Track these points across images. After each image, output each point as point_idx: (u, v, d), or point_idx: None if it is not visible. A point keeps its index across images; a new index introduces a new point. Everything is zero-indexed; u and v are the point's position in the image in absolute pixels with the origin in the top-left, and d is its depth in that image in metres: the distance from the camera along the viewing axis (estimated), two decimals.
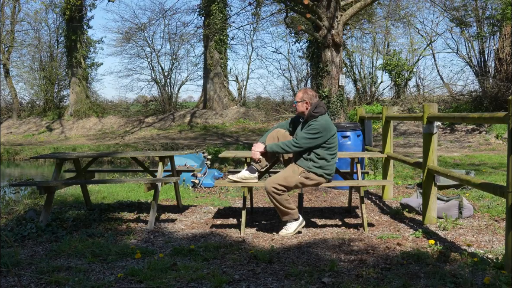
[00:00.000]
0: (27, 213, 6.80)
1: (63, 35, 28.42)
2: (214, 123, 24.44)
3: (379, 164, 10.17)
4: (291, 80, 28.54)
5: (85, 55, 28.09)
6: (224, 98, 26.13)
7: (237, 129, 23.04)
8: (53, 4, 26.20)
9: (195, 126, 24.29)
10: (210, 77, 25.98)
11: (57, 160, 6.42)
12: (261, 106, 26.33)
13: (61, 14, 27.36)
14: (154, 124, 25.61)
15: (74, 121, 26.98)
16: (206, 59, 26.18)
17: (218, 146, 17.49)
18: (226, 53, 26.58)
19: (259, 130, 21.98)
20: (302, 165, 5.48)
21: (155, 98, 29.94)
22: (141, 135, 23.62)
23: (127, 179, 6.85)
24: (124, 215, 6.74)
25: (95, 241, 5.33)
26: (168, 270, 4.29)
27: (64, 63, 29.45)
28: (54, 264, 4.59)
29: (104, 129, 25.83)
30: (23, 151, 20.71)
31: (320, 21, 11.44)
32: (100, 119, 26.88)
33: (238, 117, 24.83)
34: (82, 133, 25.42)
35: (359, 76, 26.74)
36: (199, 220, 6.49)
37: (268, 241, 5.32)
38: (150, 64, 30.04)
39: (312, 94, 5.57)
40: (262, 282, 3.97)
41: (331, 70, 11.64)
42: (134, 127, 25.47)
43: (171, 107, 28.13)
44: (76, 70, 27.69)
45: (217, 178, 9.84)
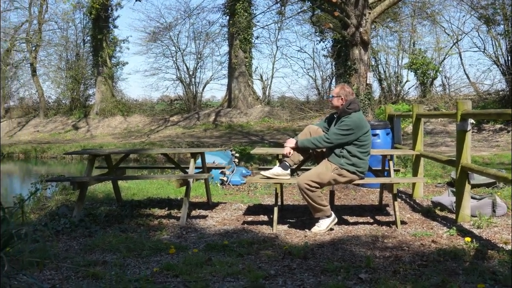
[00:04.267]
0: (60, 209, 6.89)
1: (90, 35, 28.71)
2: (238, 122, 24.47)
3: (409, 162, 10.09)
4: (315, 80, 28.46)
5: (111, 54, 28.34)
6: (249, 97, 26.16)
7: (262, 128, 23.04)
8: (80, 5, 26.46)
9: (220, 125, 24.35)
10: (235, 76, 26.02)
11: (89, 156, 6.48)
12: (286, 105, 26.28)
13: (87, 14, 27.63)
14: (179, 123, 25.74)
15: (100, 120, 27.24)
16: (231, 58, 26.23)
17: (243, 145, 17.52)
18: (251, 52, 26.60)
19: (284, 129, 21.96)
20: (334, 162, 5.46)
21: (180, 97, 30.08)
22: (166, 134, 23.75)
23: (159, 176, 6.89)
24: (155, 211, 6.78)
25: (128, 236, 5.37)
26: (203, 265, 4.31)
27: (90, 63, 29.74)
28: (90, 258, 4.64)
29: (129, 128, 26.04)
30: (50, 149, 21.00)
31: (348, 19, 11.39)
32: (126, 118, 27.09)
33: (262, 116, 24.84)
34: (107, 132, 25.65)
35: (384, 75, 26.54)
36: (230, 216, 6.50)
37: (301, 238, 5.31)
38: (175, 64, 30.20)
39: (348, 91, 5.55)
40: (298, 277, 3.96)
41: (359, 68, 11.58)
42: (159, 126, 25.62)
43: (195, 106, 28.22)
44: (102, 69, 27.96)
45: (245, 175, 9.84)
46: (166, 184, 9.14)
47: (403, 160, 10.47)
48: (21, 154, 21.25)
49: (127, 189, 8.53)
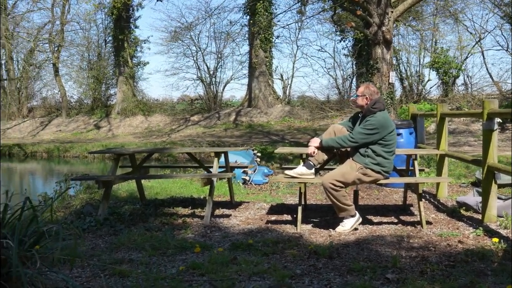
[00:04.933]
0: (84, 207, 6.96)
1: (111, 35, 28.93)
2: (259, 122, 24.48)
3: (432, 161, 10.00)
4: (336, 79, 28.35)
5: (132, 54, 28.52)
6: (269, 96, 26.16)
7: (282, 127, 23.02)
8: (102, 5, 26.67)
9: (240, 125, 24.38)
10: (255, 76, 26.04)
11: (114, 155, 6.53)
12: (306, 105, 26.21)
13: (109, 14, 27.84)
14: (200, 122, 25.83)
15: (121, 120, 27.43)
16: (252, 58, 26.26)
17: (264, 144, 17.52)
18: (271, 51, 26.60)
19: (304, 129, 21.92)
20: (359, 161, 5.44)
21: (200, 97, 30.17)
22: (187, 133, 23.85)
23: (183, 175, 6.92)
24: (179, 210, 6.82)
25: (153, 235, 5.40)
26: (229, 264, 4.31)
27: (112, 63, 29.97)
28: (116, 256, 4.68)
29: (150, 127, 26.19)
30: (72, 148, 21.21)
31: (371, 18, 11.33)
32: (147, 118, 27.25)
33: (283, 115, 24.82)
34: (129, 131, 25.83)
35: (406, 74, 26.34)
36: (254, 215, 6.51)
37: (325, 237, 5.30)
38: (196, 63, 30.29)
39: (373, 90, 5.52)
40: (324, 277, 3.95)
41: (382, 68, 11.52)
42: (180, 125, 25.73)
43: (216, 106, 28.28)
44: (123, 69, 28.16)
45: (267, 175, 9.83)
46: (189, 183, 9.18)
47: (427, 160, 10.39)
48: (44, 153, 21.51)
49: (150, 188, 8.58)
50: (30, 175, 17.76)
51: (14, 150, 22.23)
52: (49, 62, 30.83)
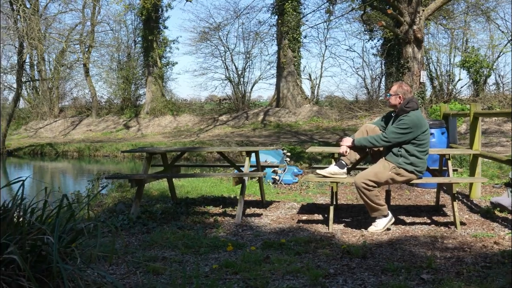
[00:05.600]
0: (117, 206, 7.04)
1: (141, 36, 29.18)
2: (287, 122, 24.45)
3: (464, 162, 9.87)
4: (365, 79, 28.17)
5: (161, 54, 28.73)
6: (297, 96, 26.10)
7: (311, 127, 22.95)
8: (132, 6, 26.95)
9: (269, 125, 24.38)
10: (284, 76, 26.01)
11: (146, 154, 6.59)
12: (335, 104, 26.10)
13: (138, 15, 28.10)
14: (228, 122, 25.90)
15: (150, 119, 27.66)
16: (280, 58, 26.23)
17: (292, 144, 17.49)
18: (300, 51, 26.53)
19: (333, 129, 21.82)
20: (392, 161, 5.39)
21: (228, 96, 30.26)
22: (216, 133, 23.94)
23: (215, 174, 6.94)
24: (210, 209, 6.85)
25: (186, 233, 5.44)
26: (262, 262, 4.32)
27: (141, 63, 30.24)
28: (149, 254, 4.72)
29: (179, 127, 26.35)
30: (103, 148, 21.46)
31: (401, 16, 11.21)
32: (175, 118, 27.43)
33: (311, 115, 24.74)
34: (158, 131, 26.03)
35: (436, 74, 26.03)
36: (284, 215, 6.50)
37: (358, 237, 5.27)
38: (224, 63, 30.40)
39: (406, 89, 5.47)
40: (358, 276, 3.93)
41: (412, 67, 11.39)
42: (208, 125, 25.84)
43: (244, 106, 28.34)
44: (152, 70, 28.39)
45: (296, 174, 9.82)
46: (219, 182, 9.22)
47: (459, 160, 10.25)
48: (75, 152, 21.80)
49: (180, 187, 8.64)
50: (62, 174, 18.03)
51: (46, 149, 22.60)
52: (80, 63, 31.25)
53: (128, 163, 19.59)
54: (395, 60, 23.03)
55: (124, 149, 20.06)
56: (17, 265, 2.93)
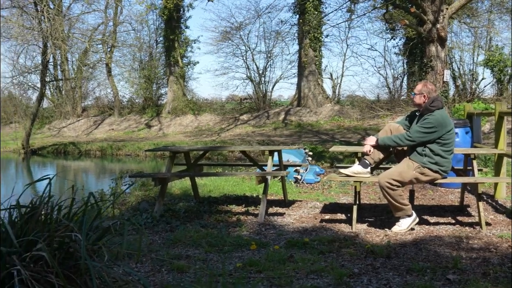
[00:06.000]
0: (140, 204, 7.10)
1: (162, 35, 29.34)
2: (308, 121, 24.39)
3: (489, 162, 9.75)
4: (386, 78, 28.00)
5: (183, 54, 28.85)
6: (318, 96, 26.03)
7: (332, 127, 22.87)
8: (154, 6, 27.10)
9: (290, 124, 24.35)
10: (305, 75, 25.96)
11: (170, 153, 6.63)
12: (356, 104, 25.97)
13: (160, 15, 28.25)
14: (249, 121, 25.93)
15: (172, 119, 27.79)
16: (301, 57, 26.18)
17: (314, 143, 17.46)
18: (321, 50, 26.45)
19: (354, 128, 21.72)
20: (416, 160, 5.35)
21: (249, 96, 30.29)
22: (237, 132, 23.98)
23: (238, 173, 6.96)
24: (232, 208, 6.86)
25: (209, 232, 5.46)
26: (286, 261, 4.32)
27: (163, 63, 30.40)
28: (173, 252, 4.75)
29: (200, 126, 26.44)
30: (125, 147, 21.62)
31: (425, 15, 11.13)
32: (196, 117, 27.52)
33: (332, 115, 24.65)
34: (179, 130, 26.15)
35: (459, 73, 25.77)
36: (307, 214, 6.50)
37: (382, 237, 5.24)
38: (245, 63, 30.44)
39: (431, 88, 5.43)
40: (383, 276, 3.91)
41: (436, 66, 11.30)
42: (229, 124, 25.89)
43: (265, 105, 28.34)
44: (173, 69, 28.52)
45: (318, 174, 9.79)
46: (241, 181, 9.23)
47: (484, 160, 10.14)
48: (98, 151, 22.01)
49: (203, 185, 8.67)
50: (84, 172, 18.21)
51: (69, 148, 22.84)
52: (102, 63, 31.53)
53: (150, 162, 19.73)
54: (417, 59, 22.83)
55: (146, 148, 20.21)
56: (45, 262, 2.97)
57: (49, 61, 25.48)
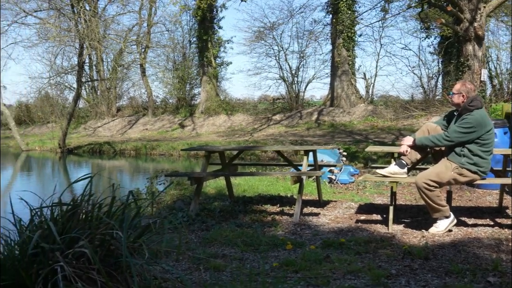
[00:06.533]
0: (176, 203, 7.17)
1: (195, 36, 29.53)
2: (341, 121, 24.24)
3: None
4: (421, 78, 27.60)
5: (216, 54, 28.98)
6: (352, 96, 25.85)
7: (365, 127, 22.69)
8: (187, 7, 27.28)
9: (323, 124, 24.24)
10: (338, 75, 25.81)
11: (205, 152, 6.68)
12: (390, 104, 25.70)
13: (194, 15, 28.43)
14: (282, 122, 25.90)
15: (205, 119, 27.94)
16: (334, 57, 26.05)
17: (347, 144, 17.36)
18: (354, 50, 26.26)
19: (388, 129, 21.50)
20: (455, 161, 5.28)
21: (282, 96, 30.26)
22: (269, 132, 23.97)
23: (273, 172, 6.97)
24: (267, 208, 6.88)
25: (244, 231, 5.48)
26: (322, 261, 4.31)
27: (196, 63, 30.58)
28: (209, 251, 4.79)
29: (233, 126, 26.52)
30: (159, 146, 21.82)
31: (462, 13, 10.96)
32: (229, 117, 27.61)
33: (365, 115, 24.45)
34: (212, 130, 26.27)
35: (495, 72, 25.28)
36: (342, 214, 6.47)
37: (419, 238, 5.19)
38: (278, 63, 30.41)
39: (470, 87, 5.35)
40: (421, 278, 3.87)
41: (473, 65, 11.12)
42: (262, 124, 25.90)
43: (298, 105, 28.28)
44: (207, 69, 28.66)
45: (353, 174, 9.73)
46: (275, 181, 9.24)
47: None
48: (132, 151, 22.27)
49: (237, 185, 8.70)
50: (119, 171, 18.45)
51: (105, 147, 23.17)
52: (136, 63, 31.86)
53: (184, 161, 19.87)
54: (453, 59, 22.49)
55: (180, 148, 20.38)
56: (87, 259, 3.03)
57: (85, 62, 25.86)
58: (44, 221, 3.30)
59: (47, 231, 3.18)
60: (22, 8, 22.33)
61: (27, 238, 3.23)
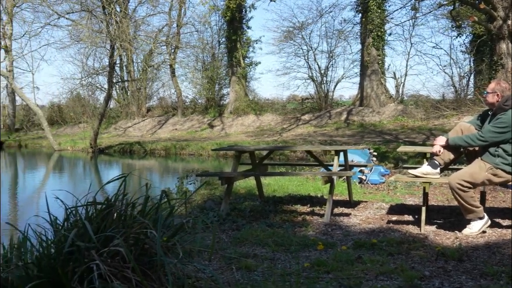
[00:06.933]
0: (206, 203, 7.20)
1: (224, 36, 29.65)
2: (370, 121, 24.08)
3: None
4: (452, 77, 27.28)
5: (244, 54, 29.05)
6: (381, 95, 25.66)
7: (395, 127, 22.49)
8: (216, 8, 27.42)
9: (352, 124, 24.11)
10: (367, 75, 25.65)
11: (236, 152, 6.70)
12: (420, 103, 25.43)
13: (223, 16, 28.54)
14: (311, 121, 25.83)
15: (234, 119, 28.03)
16: (363, 56, 25.89)
17: (377, 144, 17.23)
18: (384, 49, 26.07)
19: (419, 129, 21.28)
20: (489, 161, 5.19)
21: (311, 96, 30.20)
22: (298, 132, 23.94)
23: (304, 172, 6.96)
24: (297, 208, 6.86)
25: (275, 231, 5.48)
26: (354, 262, 4.29)
27: (225, 63, 30.71)
28: (240, 250, 4.79)
29: (261, 126, 26.55)
30: (188, 146, 21.96)
31: (495, 11, 10.79)
32: (258, 117, 27.65)
33: (395, 115, 24.23)
34: (241, 130, 26.34)
35: None
36: (373, 215, 6.42)
37: (452, 239, 5.12)
38: (307, 62, 30.35)
39: (505, 86, 5.26)
40: (455, 280, 3.82)
41: (506, 64, 10.92)
42: (291, 124, 25.87)
43: (327, 105, 28.18)
44: (236, 70, 28.77)
45: (383, 174, 9.66)
46: (305, 181, 9.22)
47: None
48: (162, 151, 22.45)
49: (267, 185, 8.70)
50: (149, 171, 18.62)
51: (135, 147, 23.41)
52: (166, 64, 32.13)
53: (213, 161, 19.96)
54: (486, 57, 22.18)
55: (209, 148, 20.49)
56: (122, 257, 3.06)
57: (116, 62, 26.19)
58: (80, 220, 3.35)
59: (82, 229, 3.23)
60: (54, 10, 22.73)
61: (63, 237, 3.29)
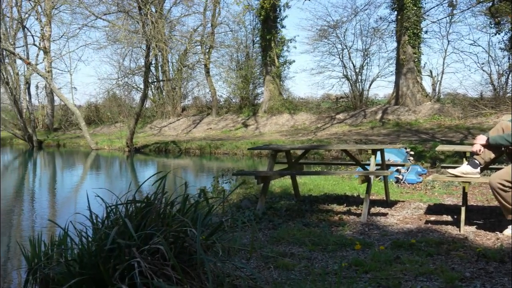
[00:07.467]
0: (242, 202, 7.22)
1: (259, 35, 29.66)
2: (406, 120, 23.77)
3: None
4: (490, 75, 26.72)
5: (279, 53, 29.02)
6: (417, 94, 25.30)
7: (432, 126, 22.16)
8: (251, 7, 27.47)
9: (387, 123, 23.85)
10: (403, 73, 25.33)
11: (271, 151, 6.70)
12: (457, 102, 25.00)
13: (257, 15, 28.58)
14: (345, 120, 25.65)
15: (268, 118, 28.03)
16: (399, 55, 25.57)
17: (413, 143, 17.02)
18: (420, 47, 25.69)
19: (456, 127, 20.93)
20: None
21: (346, 95, 30.01)
22: (333, 131, 23.80)
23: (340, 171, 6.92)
24: (334, 207, 6.84)
25: (312, 230, 5.47)
26: (392, 262, 4.25)
27: (259, 62, 30.72)
28: (277, 249, 4.80)
29: (296, 125, 26.49)
30: (223, 145, 22.05)
31: None
32: (292, 116, 27.59)
33: (432, 113, 23.87)
34: (275, 130, 26.32)
35: None
36: (411, 215, 6.35)
37: (493, 240, 5.02)
38: (342, 61, 30.16)
39: None
40: (498, 281, 3.75)
41: None
42: (325, 123, 25.74)
43: (361, 104, 27.95)
44: (270, 69, 28.76)
45: (420, 174, 9.55)
46: (341, 180, 9.17)
47: None
48: (197, 150, 22.59)
49: (303, 184, 8.69)
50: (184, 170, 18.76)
51: (170, 146, 23.63)
52: (201, 63, 32.33)
53: (247, 160, 20.00)
54: None
55: (244, 147, 20.55)
56: (162, 255, 3.10)
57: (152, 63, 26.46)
58: (120, 218, 3.40)
59: (122, 227, 3.28)
60: (91, 11, 23.11)
61: (104, 234, 3.34)
